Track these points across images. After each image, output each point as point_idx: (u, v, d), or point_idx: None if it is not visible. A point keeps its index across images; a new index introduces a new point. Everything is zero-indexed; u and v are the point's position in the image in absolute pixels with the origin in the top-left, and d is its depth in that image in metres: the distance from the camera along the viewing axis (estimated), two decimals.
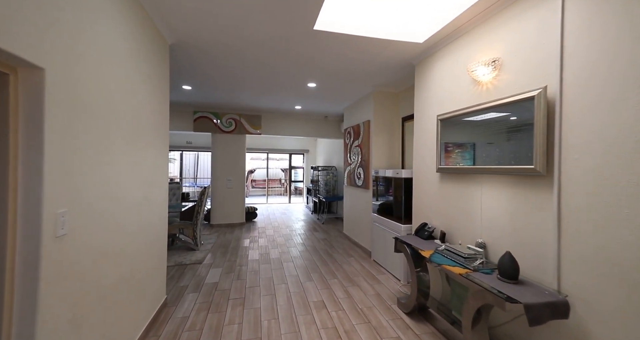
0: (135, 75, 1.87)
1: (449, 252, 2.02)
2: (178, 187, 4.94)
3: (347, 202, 4.97)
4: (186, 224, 4.11)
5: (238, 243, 4.61)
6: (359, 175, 4.35)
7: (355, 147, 4.52)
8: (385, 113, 4.00)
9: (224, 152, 5.88)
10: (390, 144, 4.03)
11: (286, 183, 11.91)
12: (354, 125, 4.60)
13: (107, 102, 1.53)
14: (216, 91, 4.31)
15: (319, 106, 5.31)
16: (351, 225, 4.78)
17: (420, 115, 2.79)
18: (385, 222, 3.41)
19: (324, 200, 6.40)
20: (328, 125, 6.54)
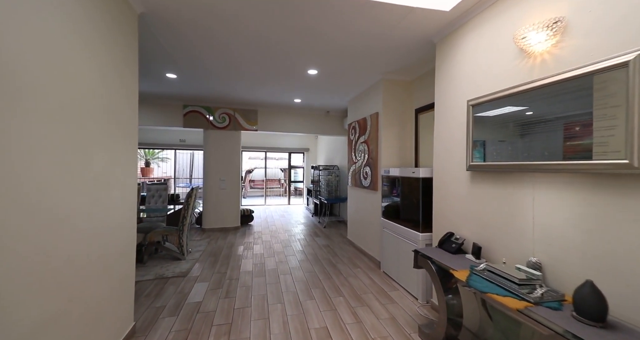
0: (83, 54, 1.41)
1: (493, 275, 1.54)
2: (165, 188, 4.47)
3: (352, 205, 4.50)
4: (171, 230, 3.64)
5: (230, 251, 4.13)
6: (366, 175, 3.88)
7: (361, 144, 4.05)
8: (396, 104, 3.53)
9: (217, 150, 5.41)
10: (402, 139, 3.55)
11: (285, 183, 11.44)
12: (359, 119, 4.13)
13: (28, 87, 1.06)
14: (206, 80, 3.83)
15: (321, 99, 4.84)
16: (356, 230, 4.31)
17: (443, 103, 2.32)
18: (398, 229, 2.94)
19: (325, 202, 5.93)
20: (330, 121, 6.07)
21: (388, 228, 3.18)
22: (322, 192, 6.37)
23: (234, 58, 3.01)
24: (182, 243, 3.66)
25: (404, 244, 2.83)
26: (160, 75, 3.61)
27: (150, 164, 9.56)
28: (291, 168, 9.54)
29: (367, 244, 3.90)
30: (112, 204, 1.75)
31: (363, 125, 4.00)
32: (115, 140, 1.77)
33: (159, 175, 10.28)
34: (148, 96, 4.74)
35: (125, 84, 1.89)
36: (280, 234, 5.17)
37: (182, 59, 3.06)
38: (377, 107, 3.62)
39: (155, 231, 3.58)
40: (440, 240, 2.16)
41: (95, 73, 1.56)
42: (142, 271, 3.24)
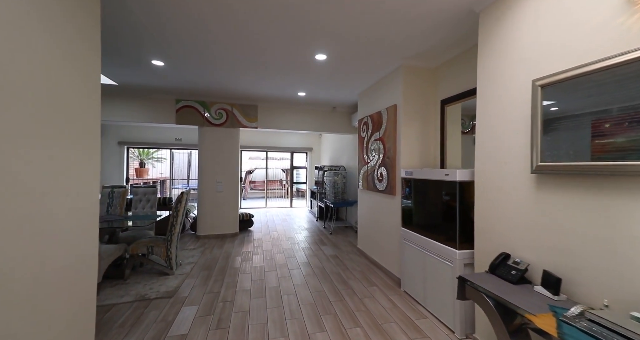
0: None
1: (599, 327, 1.05)
2: (153, 191, 4.00)
3: (363, 210, 4.01)
4: (157, 241, 3.16)
5: (227, 262, 3.65)
6: (381, 177, 3.39)
7: (375, 142, 3.55)
8: (417, 95, 3.04)
9: (214, 149, 4.93)
10: (425, 135, 3.06)
11: (287, 185, 10.96)
12: (373, 114, 3.64)
13: None
14: (198, 68, 3.35)
15: (327, 92, 4.35)
16: (368, 240, 3.81)
17: (491, 87, 1.83)
18: (425, 243, 2.45)
19: (331, 205, 5.44)
20: (336, 118, 5.58)
21: (410, 240, 2.69)
22: (328, 195, 5.88)
23: (231, 39, 2.53)
24: (170, 255, 3.17)
25: (433, 261, 2.34)
26: (145, 63, 3.13)
27: (145, 164, 9.11)
28: (293, 169, 9.06)
29: (382, 256, 3.41)
30: (57, 216, 1.27)
31: (377, 121, 3.51)
32: (61, 139, 1.29)
33: (155, 176, 9.84)
34: (135, 89, 4.27)
35: (79, 65, 1.41)
36: (283, 242, 4.68)
37: (168, 42, 2.58)
38: (395, 99, 3.13)
39: (139, 242, 3.10)
40: (492, 263, 1.66)
41: (26, 42, 1.08)
42: (121, 290, 2.76)
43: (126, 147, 7.32)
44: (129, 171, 7.82)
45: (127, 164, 7.44)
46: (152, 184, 7.77)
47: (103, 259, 2.68)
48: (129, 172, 7.81)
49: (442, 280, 2.24)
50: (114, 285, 2.88)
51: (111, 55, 2.93)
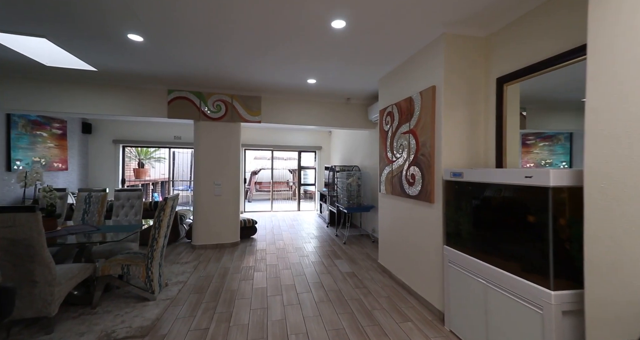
0: None
1: None
2: (138, 196, 3.40)
3: (386, 219, 3.33)
4: (135, 259, 2.55)
5: (222, 282, 3.02)
6: (412, 179, 2.71)
7: (404, 135, 2.88)
8: (464, 73, 2.35)
9: (211, 146, 4.32)
10: (473, 125, 2.37)
11: (294, 186, 10.34)
12: (400, 101, 2.96)
13: None
14: (186, 45, 2.73)
15: (342, 78, 3.69)
16: (394, 255, 3.13)
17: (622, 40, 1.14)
18: (486, 271, 1.76)
19: (345, 211, 4.77)
20: (350, 111, 4.91)
21: (460, 264, 2.01)
22: (340, 199, 5.21)
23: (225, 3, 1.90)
24: (151, 276, 2.56)
25: (503, 300, 1.65)
26: (119, 38, 2.52)
27: (145, 164, 8.62)
28: (301, 169, 8.42)
29: (415, 278, 2.72)
30: None
31: (406, 109, 2.83)
32: None
33: (157, 177, 9.35)
34: (119, 76, 3.68)
35: None
36: (290, 254, 4.03)
37: (142, 5, 1.96)
38: (433, 79, 2.44)
39: (112, 260, 2.49)
40: None
41: None
42: (84, 325, 2.15)
43: (121, 146, 6.80)
44: (126, 172, 7.32)
45: (123, 164, 6.92)
46: (136, 186, 7.19)
47: (60, 284, 2.08)
48: (126, 173, 7.31)
49: (522, 331, 1.55)
50: (77, 315, 2.28)
51: (73, 26, 2.34)
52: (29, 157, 4.78)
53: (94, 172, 6.48)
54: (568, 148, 2.00)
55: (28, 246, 1.89)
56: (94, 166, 6.47)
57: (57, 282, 2.04)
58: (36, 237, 1.89)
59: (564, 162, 1.97)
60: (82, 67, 3.27)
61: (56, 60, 3.12)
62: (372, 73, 3.42)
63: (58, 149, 5.48)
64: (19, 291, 1.95)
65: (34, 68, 3.37)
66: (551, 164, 2.04)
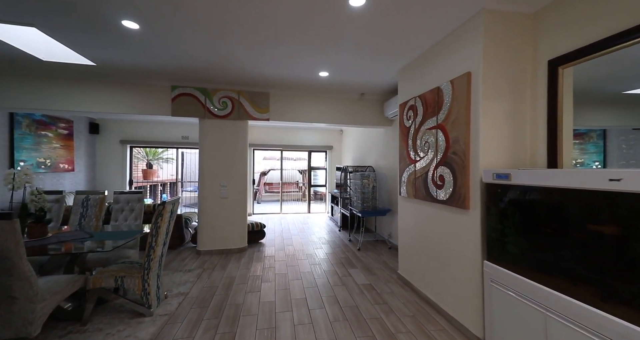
0: None
1: None
2: (138, 199, 3.17)
3: (408, 225, 2.99)
4: (130, 269, 2.30)
5: (227, 294, 2.75)
6: (440, 181, 2.36)
7: (430, 131, 2.53)
8: (507, 55, 2.00)
9: (217, 146, 4.07)
10: (518, 118, 2.01)
11: (304, 187, 10.06)
12: (425, 93, 2.62)
13: None
14: (187, 33, 2.47)
15: (357, 70, 3.36)
16: (418, 266, 2.79)
17: None
18: (546, 297, 1.41)
19: (359, 214, 4.44)
20: (365, 108, 4.57)
21: (507, 284, 1.66)
22: (354, 202, 4.88)
23: None
24: (147, 289, 2.30)
25: (571, 335, 1.30)
26: (113, 25, 2.28)
27: (153, 165, 8.51)
28: (311, 169, 8.13)
29: (444, 295, 2.37)
30: None
31: (433, 101, 2.48)
32: None
33: (166, 178, 9.25)
34: (119, 71, 3.47)
35: None
36: (301, 261, 3.73)
37: None
38: (469, 64, 2.09)
39: (104, 271, 2.25)
40: None
41: None
42: None
43: (129, 146, 6.67)
44: (134, 173, 7.20)
45: (131, 165, 6.80)
46: (137, 189, 7.01)
47: (44, 299, 1.84)
48: (135, 174, 7.20)
49: None
50: (64, 334, 2.04)
51: (61, 13, 2.11)
52: (34, 157, 4.66)
53: (102, 173, 6.37)
54: (601, 146, 1.78)
55: (4, 258, 1.66)
56: (101, 167, 6.36)
57: (39, 298, 1.80)
58: (13, 248, 1.66)
59: (597, 161, 1.77)
60: (80, 61, 3.07)
61: (53, 55, 2.92)
62: (391, 63, 3.08)
63: (64, 149, 5.37)
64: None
65: (33, 65, 3.19)
66: (582, 163, 1.78)
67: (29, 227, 2.20)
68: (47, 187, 4.97)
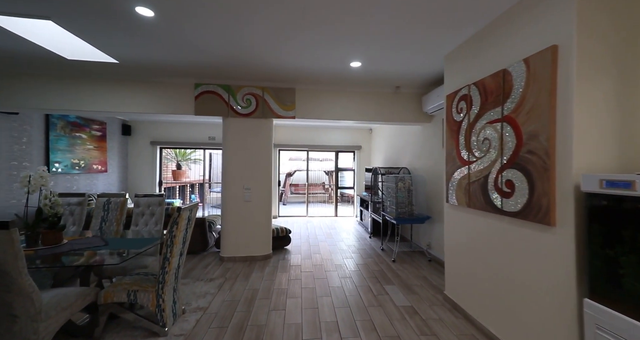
0: None
1: None
2: (159, 203, 3.00)
3: (457, 238, 2.50)
4: (143, 283, 2.08)
5: (248, 312, 2.46)
6: (507, 188, 1.87)
7: (490, 125, 2.05)
8: (609, 23, 1.48)
9: (240, 146, 3.85)
10: (628, 105, 1.49)
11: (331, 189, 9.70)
12: (484, 79, 2.13)
13: None
14: (205, 18, 2.22)
15: (395, 58, 2.94)
16: (472, 289, 2.30)
17: None
18: None
19: (393, 221, 3.98)
20: (399, 103, 4.11)
21: (626, 336, 1.16)
22: (387, 207, 4.43)
23: None
24: (162, 305, 2.07)
25: None
26: (127, 13, 2.09)
27: (182, 166, 8.63)
28: (338, 171, 7.75)
29: (514, 331, 1.88)
30: None
31: (496, 88, 2.00)
32: None
33: (195, 179, 9.38)
34: (141, 69, 3.36)
35: None
36: (329, 273, 3.37)
37: None
38: (555, 35, 1.60)
39: (117, 284, 2.05)
40: None
41: None
42: None
43: (159, 147, 6.76)
44: (165, 173, 7.31)
45: (160, 166, 6.89)
46: (164, 191, 6.96)
47: (49, 317, 1.65)
48: (165, 175, 7.30)
49: None
50: None
51: (74, 2, 1.94)
52: (68, 158, 4.78)
53: (133, 174, 6.49)
54: None
55: (2, 273, 1.48)
56: (133, 168, 6.49)
57: (43, 316, 1.61)
58: (11, 262, 1.47)
59: None
60: (103, 59, 2.96)
61: (77, 53, 2.84)
62: (435, 47, 2.62)
63: (97, 150, 5.50)
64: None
65: (62, 65, 3.16)
66: None
67: (43, 234, 2.05)
68: (82, 188, 5.09)
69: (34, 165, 4.09)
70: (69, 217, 2.83)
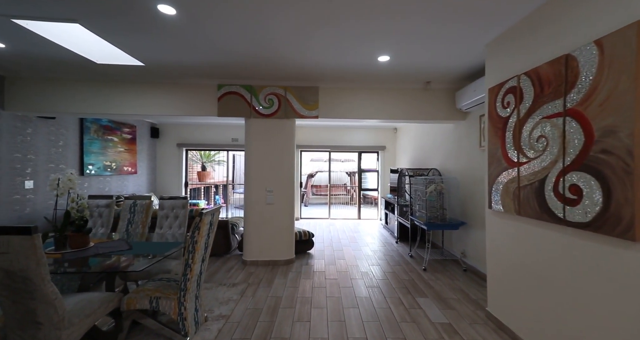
0: None
1: None
2: (183, 205, 2.97)
3: (504, 250, 2.21)
4: (166, 290, 2.02)
5: (271, 323, 2.33)
6: (572, 194, 1.58)
7: (547, 121, 1.76)
8: None
9: (262, 147, 3.76)
10: None
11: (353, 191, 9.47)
12: (538, 67, 1.85)
13: None
14: (228, 16, 2.13)
15: (426, 50, 2.69)
16: (523, 308, 2.01)
17: None
18: None
19: (423, 227, 3.70)
20: (430, 99, 3.82)
21: None
22: (416, 211, 4.15)
23: None
24: (184, 313, 1.99)
25: None
26: (149, 11, 2.04)
27: (206, 167, 8.80)
28: (361, 172, 7.51)
29: None
30: None
31: (556, 77, 1.71)
32: None
33: (219, 180, 9.54)
34: (166, 71, 3.36)
35: None
36: (355, 282, 3.18)
37: None
38: None
39: (139, 290, 2.00)
40: None
41: None
42: None
43: (185, 149, 6.91)
44: (190, 175, 7.48)
45: (186, 167, 7.05)
46: (181, 195, 6.99)
47: (72, 324, 1.61)
48: (190, 176, 7.47)
49: None
50: None
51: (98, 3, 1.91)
52: (101, 161, 4.97)
53: (161, 176, 6.69)
54: None
55: (25, 279, 1.45)
56: (161, 170, 6.68)
57: (66, 323, 1.57)
58: (34, 268, 1.43)
59: None
60: (131, 62, 2.99)
61: (105, 57, 2.89)
62: (475, 35, 2.35)
63: (128, 153, 5.69)
64: (22, 334, 1.53)
65: (87, 69, 3.24)
66: None
67: (70, 237, 2.05)
68: (113, 190, 5.28)
69: (69, 167, 4.27)
70: (97, 219, 2.87)
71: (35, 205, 3.76)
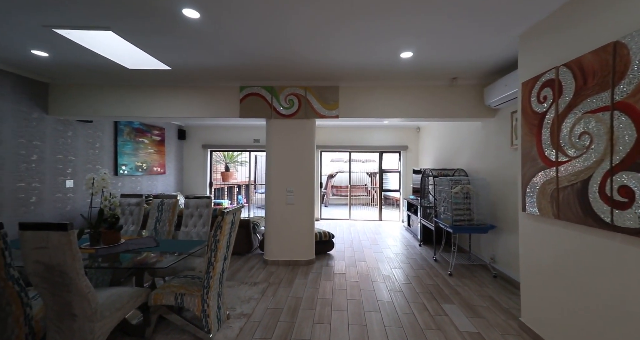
0: None
1: None
2: (206, 204, 3.05)
3: (540, 256, 2.05)
4: (190, 287, 2.07)
5: (292, 323, 2.32)
6: (622, 196, 1.42)
7: (590, 116, 1.60)
8: None
9: (282, 148, 3.78)
10: None
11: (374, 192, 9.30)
12: (582, 57, 1.69)
13: None
14: (251, 17, 2.15)
15: (453, 44, 2.56)
16: (567, 323, 1.84)
17: None
18: None
19: (449, 230, 3.53)
20: (455, 97, 3.65)
21: None
22: (440, 212, 3.98)
23: None
24: (207, 310, 2.04)
25: None
26: (172, 13, 2.11)
27: (230, 168, 9.05)
28: (382, 172, 7.35)
29: None
30: None
31: (601, 68, 1.55)
32: None
33: (242, 180, 9.78)
34: (191, 74, 3.48)
35: None
36: (377, 285, 3.10)
37: None
38: None
39: (165, 287, 2.07)
40: None
41: None
42: None
43: (209, 150, 7.15)
44: (215, 175, 7.73)
45: (210, 168, 7.28)
46: (205, 195, 7.15)
47: (104, 317, 1.70)
48: (215, 176, 7.71)
49: None
50: None
51: (126, 8, 2.00)
52: (133, 162, 5.25)
53: (188, 176, 6.96)
54: None
55: (62, 273, 1.54)
56: (187, 170, 6.95)
57: (98, 316, 1.66)
58: (70, 263, 1.52)
59: None
60: (159, 66, 3.12)
61: (136, 63, 3.04)
62: (507, 25, 2.19)
63: (157, 154, 5.97)
64: (60, 325, 1.63)
65: (120, 75, 3.44)
66: None
67: (103, 234, 2.17)
68: (144, 189, 5.57)
69: (104, 168, 4.55)
70: (129, 217, 3.02)
71: (75, 203, 4.05)
